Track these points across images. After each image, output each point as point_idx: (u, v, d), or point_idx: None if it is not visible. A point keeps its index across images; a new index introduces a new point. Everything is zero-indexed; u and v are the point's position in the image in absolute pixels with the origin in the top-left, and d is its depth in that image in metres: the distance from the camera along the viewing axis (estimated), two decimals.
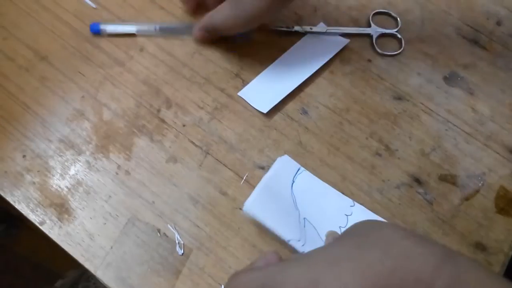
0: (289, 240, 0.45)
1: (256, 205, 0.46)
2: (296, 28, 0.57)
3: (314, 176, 0.50)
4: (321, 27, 0.57)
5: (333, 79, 0.55)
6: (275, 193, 0.47)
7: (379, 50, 0.56)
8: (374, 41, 0.56)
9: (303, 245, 0.44)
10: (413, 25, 0.58)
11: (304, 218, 0.47)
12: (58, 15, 0.57)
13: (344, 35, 0.57)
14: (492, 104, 0.55)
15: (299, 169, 0.50)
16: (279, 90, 0.53)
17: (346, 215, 0.48)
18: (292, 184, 0.49)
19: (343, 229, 0.47)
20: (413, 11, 0.59)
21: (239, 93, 0.53)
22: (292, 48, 0.56)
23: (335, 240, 0.35)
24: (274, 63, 0.55)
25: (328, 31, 0.57)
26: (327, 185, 0.49)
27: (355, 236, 0.33)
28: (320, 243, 0.46)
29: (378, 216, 0.48)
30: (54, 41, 0.56)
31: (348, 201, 0.49)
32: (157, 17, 0.57)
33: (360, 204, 0.49)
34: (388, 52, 0.56)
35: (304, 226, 0.46)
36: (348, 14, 0.59)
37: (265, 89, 0.54)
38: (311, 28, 0.57)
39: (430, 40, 0.58)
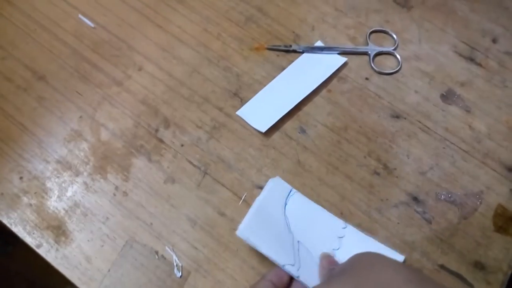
0: (283, 265, 0.44)
1: (249, 229, 0.45)
2: (294, 46, 0.57)
3: (306, 198, 0.49)
4: (318, 45, 0.58)
5: (330, 98, 0.55)
6: (268, 216, 0.47)
7: (376, 69, 0.56)
8: (371, 59, 0.57)
9: (298, 270, 0.44)
10: (410, 43, 0.59)
11: (298, 242, 0.46)
12: (56, 35, 0.57)
13: (342, 53, 0.57)
14: (488, 122, 0.55)
15: (290, 191, 0.50)
16: (277, 109, 0.53)
17: (339, 237, 0.48)
18: (285, 206, 0.49)
19: (336, 251, 0.47)
20: (410, 29, 0.60)
21: (238, 112, 0.54)
22: (289, 66, 0.56)
23: (336, 277, 0.36)
24: (271, 82, 0.56)
25: (326, 49, 0.57)
26: (319, 206, 0.49)
27: (356, 274, 0.34)
28: (314, 266, 0.45)
29: (370, 237, 0.48)
30: (53, 61, 0.56)
31: (340, 223, 0.49)
32: (155, 36, 0.58)
33: (353, 225, 0.49)
34: (386, 70, 0.57)
35: (298, 250, 0.46)
36: (345, 33, 0.59)
37: (263, 108, 0.54)
38: (308, 47, 0.57)
39: (427, 58, 0.58)
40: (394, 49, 0.58)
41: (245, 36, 0.58)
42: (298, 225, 0.48)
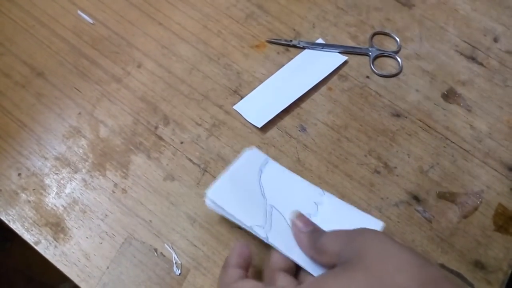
0: (251, 226, 0.43)
1: (217, 194, 0.45)
2: (294, 42, 0.57)
3: (283, 167, 0.49)
4: (319, 42, 0.57)
5: (331, 96, 0.55)
6: (240, 182, 0.46)
7: (376, 71, 0.56)
8: (371, 61, 0.57)
9: (267, 232, 0.43)
10: (411, 42, 0.59)
11: (271, 206, 0.45)
12: (55, 31, 0.57)
13: (343, 52, 0.57)
14: (489, 121, 0.55)
15: (266, 160, 0.49)
16: (275, 104, 0.53)
17: (316, 203, 0.47)
18: (260, 174, 0.48)
19: (313, 217, 0.45)
20: (411, 27, 0.60)
21: (235, 107, 0.53)
22: (289, 63, 0.56)
23: (343, 269, 0.34)
24: (270, 77, 0.55)
25: (326, 46, 0.57)
26: (295, 175, 0.49)
27: (367, 271, 0.32)
28: (287, 230, 0.44)
29: (348, 204, 0.47)
30: (51, 57, 0.55)
31: (318, 190, 0.48)
32: (154, 33, 0.57)
33: (330, 193, 0.48)
34: (386, 72, 0.57)
35: (271, 214, 0.45)
36: (346, 31, 0.59)
37: (261, 103, 0.53)
38: (308, 43, 0.57)
39: (428, 57, 0.58)
40: (396, 52, 0.57)
41: (245, 33, 0.58)
42: (273, 191, 0.47)
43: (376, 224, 0.46)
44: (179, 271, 0.46)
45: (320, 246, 0.39)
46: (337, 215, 0.45)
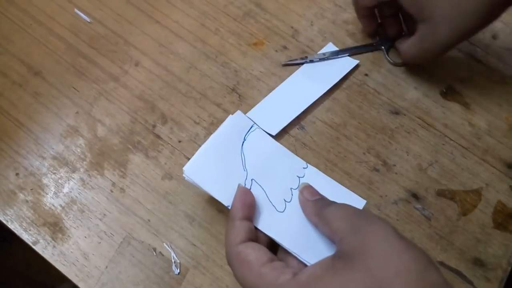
0: (228, 206, 0.42)
1: (195, 168, 0.44)
2: (309, 57, 0.56)
3: (267, 135, 0.48)
4: (329, 47, 0.57)
5: (329, 94, 0.55)
6: (221, 153, 0.45)
7: (392, 61, 0.56)
8: (386, 54, 0.57)
9: None
10: None
11: (251, 179, 0.44)
12: (52, 30, 0.56)
13: (355, 54, 0.57)
14: (488, 118, 0.55)
15: (251, 127, 0.48)
16: (288, 111, 0.52)
17: (298, 177, 0.47)
18: (243, 142, 0.47)
19: (294, 191, 0.45)
20: None
21: (247, 114, 0.52)
22: (301, 67, 0.56)
23: (343, 265, 0.33)
24: (282, 84, 0.54)
25: (341, 52, 0.57)
26: (280, 145, 0.48)
27: (370, 272, 0.31)
28: (266, 205, 0.43)
29: (331, 180, 0.47)
30: (48, 56, 0.55)
31: (301, 162, 0.47)
32: (152, 31, 0.57)
33: (313, 166, 0.48)
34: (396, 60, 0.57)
35: (250, 188, 0.44)
36: (344, 28, 0.59)
37: (274, 111, 0.53)
38: (324, 54, 0.56)
39: None
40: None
41: (243, 31, 0.58)
42: (254, 163, 0.46)
43: (359, 202, 0.46)
44: (178, 270, 0.46)
45: (326, 215, 0.38)
46: (320, 190, 0.44)
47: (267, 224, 0.41)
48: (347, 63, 0.56)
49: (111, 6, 0.58)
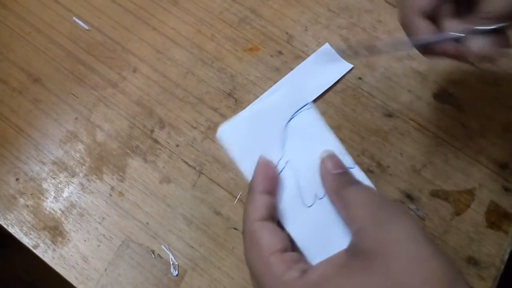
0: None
1: (229, 132, 0.39)
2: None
3: (322, 120, 0.41)
4: (325, 48, 0.58)
5: (324, 97, 0.56)
6: (262, 125, 0.40)
7: None
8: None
9: None
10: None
11: (286, 161, 0.38)
12: (51, 38, 0.57)
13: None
14: (481, 120, 0.55)
15: (306, 104, 0.41)
16: None
17: None
18: (290, 119, 0.40)
19: None
20: (402, 30, 0.60)
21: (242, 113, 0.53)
22: (295, 70, 0.57)
23: (357, 265, 0.29)
24: (275, 85, 0.56)
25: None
26: (332, 134, 0.40)
27: (387, 276, 0.27)
28: (293, 194, 0.37)
29: (372, 185, 0.39)
30: (48, 63, 0.56)
31: (350, 162, 0.39)
32: (149, 38, 0.58)
33: (360, 169, 0.40)
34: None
35: (281, 171, 0.38)
36: (338, 33, 0.60)
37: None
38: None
39: (419, 57, 0.58)
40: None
41: (238, 37, 0.59)
42: (295, 145, 0.39)
43: None
44: (176, 272, 0.47)
45: (345, 196, 0.33)
46: None
47: (288, 215, 0.36)
48: (341, 66, 0.57)
49: (109, 13, 0.60)
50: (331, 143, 0.40)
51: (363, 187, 0.34)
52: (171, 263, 0.47)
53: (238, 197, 0.50)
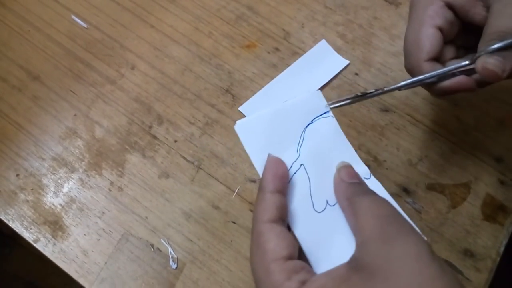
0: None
1: (247, 127, 0.39)
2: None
3: (339, 128, 0.41)
4: (322, 44, 0.59)
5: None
6: (280, 125, 0.40)
7: None
8: None
9: None
10: (399, 39, 0.60)
11: (301, 164, 0.38)
12: (50, 36, 0.58)
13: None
14: (476, 114, 0.56)
15: (326, 112, 0.41)
16: None
17: None
18: (309, 124, 0.40)
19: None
20: (398, 25, 0.61)
21: (240, 108, 0.54)
22: (292, 65, 0.57)
23: (360, 278, 0.28)
24: (274, 79, 0.56)
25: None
26: (349, 143, 0.40)
27: None
28: (305, 198, 0.37)
29: (392, 200, 0.37)
30: (46, 61, 0.56)
31: (365, 171, 0.39)
32: (147, 35, 0.59)
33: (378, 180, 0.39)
34: None
35: (295, 173, 0.38)
36: (334, 30, 0.60)
37: (265, 105, 0.54)
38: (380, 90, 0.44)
39: None
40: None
41: (236, 34, 0.59)
42: (312, 149, 0.39)
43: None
44: (175, 265, 0.47)
45: (356, 205, 0.32)
46: None
47: (296, 218, 0.36)
48: (338, 62, 0.58)
49: (107, 11, 0.60)
50: (348, 153, 0.39)
51: (377, 198, 0.33)
52: (170, 256, 0.47)
53: (236, 191, 0.51)
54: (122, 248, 0.48)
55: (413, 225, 0.32)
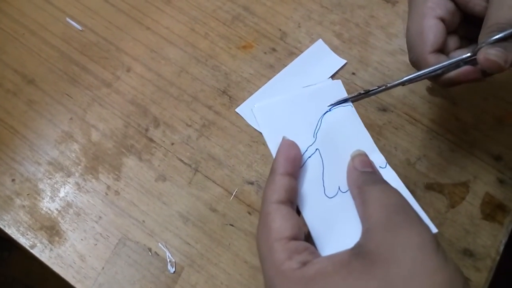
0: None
1: (266, 110, 0.39)
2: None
3: (358, 117, 0.40)
4: (319, 44, 0.58)
5: None
6: (298, 111, 0.40)
7: None
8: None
9: None
10: (396, 38, 0.60)
11: (316, 149, 0.38)
12: (45, 39, 0.58)
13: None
14: (475, 112, 0.56)
15: (344, 101, 0.40)
16: None
17: None
18: (327, 112, 0.40)
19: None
20: (395, 24, 0.61)
21: (237, 109, 0.54)
22: (289, 65, 0.57)
23: (359, 266, 0.28)
24: (271, 80, 0.56)
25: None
26: (367, 133, 0.40)
27: (388, 282, 0.27)
28: (317, 183, 0.36)
29: (407, 191, 0.37)
30: (41, 64, 0.56)
31: (381, 161, 0.38)
32: (143, 37, 0.58)
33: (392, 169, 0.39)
34: None
35: (310, 157, 0.37)
36: (331, 29, 0.60)
37: None
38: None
39: None
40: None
41: (232, 34, 0.59)
42: (328, 136, 0.38)
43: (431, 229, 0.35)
44: (174, 269, 0.47)
45: (366, 193, 0.32)
46: None
47: (306, 201, 0.36)
48: (335, 62, 0.57)
49: (102, 14, 0.60)
50: (366, 142, 0.39)
51: (387, 187, 0.33)
52: (168, 260, 0.47)
53: (234, 193, 0.50)
54: (119, 252, 0.47)
55: (426, 217, 0.32)
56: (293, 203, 0.34)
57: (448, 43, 0.44)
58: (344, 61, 0.57)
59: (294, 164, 0.35)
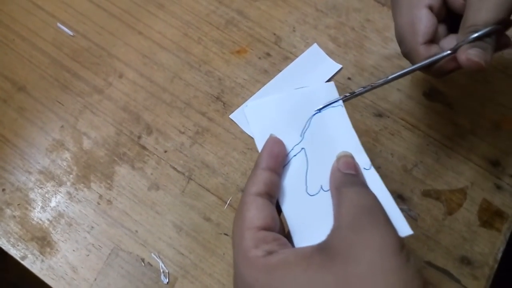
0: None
1: (257, 110, 0.40)
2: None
3: (347, 118, 0.40)
4: (314, 49, 0.58)
5: None
6: (288, 110, 0.40)
7: None
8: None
9: None
10: (391, 42, 0.59)
11: (302, 148, 0.39)
12: (35, 45, 0.57)
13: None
14: (472, 118, 0.55)
15: (336, 101, 0.41)
16: None
17: None
18: (316, 113, 0.40)
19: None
20: (391, 27, 0.60)
21: (231, 116, 0.53)
22: (284, 70, 0.56)
23: (320, 262, 0.29)
24: (266, 85, 0.55)
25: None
26: (355, 134, 0.40)
27: (345, 278, 0.28)
28: (299, 180, 0.37)
29: (387, 192, 0.36)
30: (32, 71, 0.55)
31: (366, 162, 0.38)
32: (135, 42, 0.57)
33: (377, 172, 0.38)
34: None
35: (295, 155, 0.38)
36: (326, 33, 0.59)
37: None
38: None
39: None
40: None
41: (226, 39, 0.58)
42: (315, 136, 0.39)
43: (404, 230, 0.36)
44: (167, 280, 0.46)
45: (342, 194, 0.33)
46: None
47: (287, 196, 0.37)
48: (330, 67, 0.57)
49: (94, 19, 0.59)
50: (352, 142, 0.39)
51: (364, 190, 0.34)
52: (162, 270, 0.46)
53: (228, 202, 0.50)
54: (112, 263, 0.47)
55: (402, 219, 0.34)
56: (273, 197, 0.35)
57: (438, 31, 0.44)
58: (340, 66, 0.57)
59: (277, 160, 0.36)
